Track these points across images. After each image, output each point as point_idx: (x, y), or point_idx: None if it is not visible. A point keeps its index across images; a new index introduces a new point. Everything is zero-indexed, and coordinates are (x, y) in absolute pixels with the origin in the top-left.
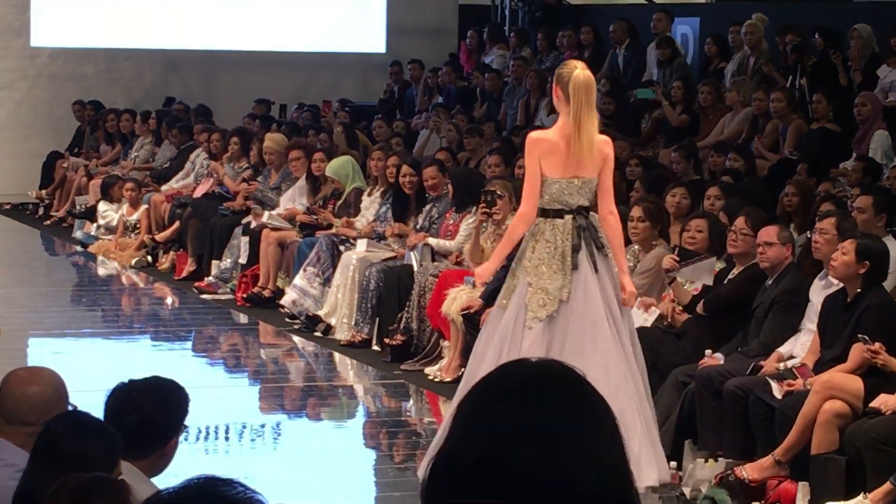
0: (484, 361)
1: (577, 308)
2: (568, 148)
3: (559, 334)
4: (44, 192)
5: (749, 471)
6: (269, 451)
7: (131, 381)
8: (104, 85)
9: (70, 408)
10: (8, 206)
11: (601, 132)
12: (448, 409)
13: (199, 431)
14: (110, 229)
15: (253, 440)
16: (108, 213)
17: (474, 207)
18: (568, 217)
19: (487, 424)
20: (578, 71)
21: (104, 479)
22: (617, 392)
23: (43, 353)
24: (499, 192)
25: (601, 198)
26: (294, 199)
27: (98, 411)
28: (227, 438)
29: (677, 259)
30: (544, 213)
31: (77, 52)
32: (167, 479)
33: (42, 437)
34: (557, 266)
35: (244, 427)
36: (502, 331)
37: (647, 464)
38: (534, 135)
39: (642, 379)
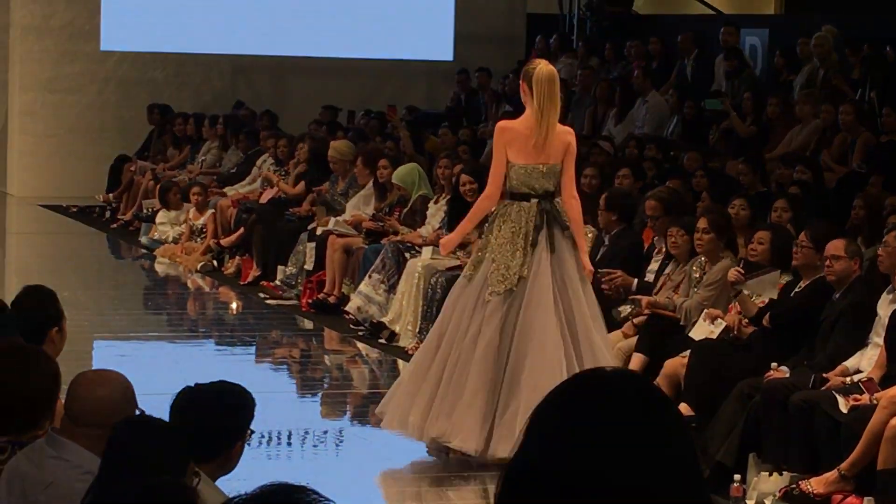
0: (445, 331)
1: (531, 284)
2: (532, 136)
3: (515, 308)
4: (111, 195)
5: (814, 485)
6: (331, 457)
7: (197, 385)
8: (173, 89)
9: (137, 412)
10: (75, 209)
11: (565, 124)
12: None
13: (262, 436)
14: (172, 239)
15: (315, 446)
16: (165, 225)
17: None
18: (534, 201)
19: (563, 435)
20: (541, 67)
21: (172, 482)
22: (552, 362)
23: (108, 355)
24: None
25: (564, 183)
26: (360, 206)
27: (163, 414)
28: (289, 444)
29: (742, 271)
30: (513, 196)
31: (146, 56)
32: (229, 483)
33: (111, 443)
34: (520, 245)
35: (307, 433)
36: (464, 301)
37: None
38: (501, 124)
39: (600, 344)
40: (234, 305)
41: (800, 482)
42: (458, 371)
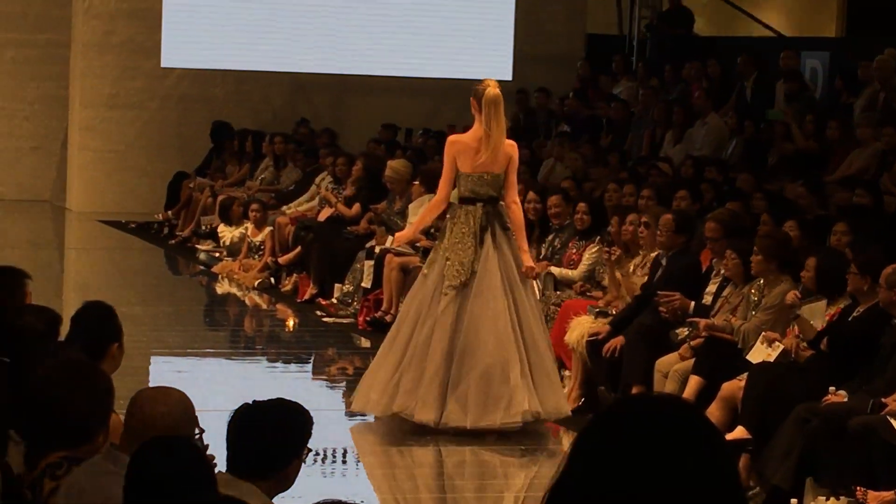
0: (405, 321)
1: (481, 277)
2: (479, 149)
3: (468, 297)
4: (169, 212)
5: (871, 501)
6: (388, 476)
7: (255, 402)
8: (232, 106)
9: (196, 430)
10: (134, 225)
11: (509, 137)
12: (568, 439)
13: (317, 454)
14: (231, 252)
15: (371, 464)
16: (224, 233)
17: (598, 237)
18: (479, 204)
19: (607, 458)
20: (490, 89)
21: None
22: (502, 341)
23: (165, 371)
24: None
25: (507, 190)
26: None
27: (219, 431)
28: (344, 462)
29: (800, 295)
30: (462, 200)
31: (206, 73)
32: (287, 501)
33: (132, 465)
34: (470, 243)
35: (361, 451)
36: (422, 295)
37: (520, 394)
38: (451, 137)
39: (540, 332)
40: (290, 323)
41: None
42: (418, 354)
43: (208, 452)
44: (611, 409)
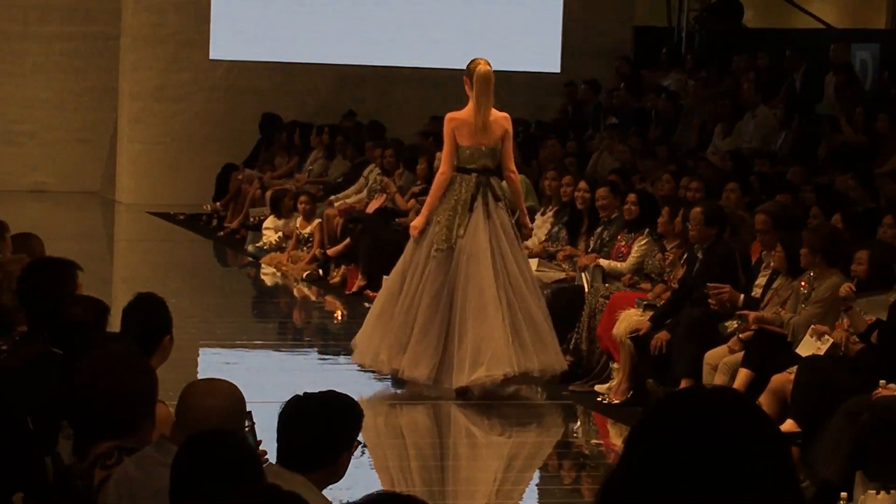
0: (398, 281)
1: (469, 242)
2: (474, 122)
3: (456, 261)
4: (217, 204)
5: None
6: (437, 469)
7: (306, 395)
8: (279, 98)
9: (247, 423)
10: (182, 217)
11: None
12: (616, 432)
13: (364, 445)
14: (276, 247)
15: (420, 457)
16: (269, 230)
17: (647, 230)
18: (473, 175)
19: (663, 452)
20: (480, 66)
21: (277, 489)
22: (487, 304)
23: (214, 363)
24: None
25: (503, 160)
26: None
27: (267, 423)
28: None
29: (853, 287)
30: (459, 170)
31: (254, 65)
32: (335, 492)
33: (177, 460)
34: (460, 210)
35: (410, 442)
36: (416, 258)
37: (505, 353)
38: (449, 115)
39: (532, 295)
40: (339, 315)
41: None
42: (410, 315)
43: (258, 444)
44: (666, 402)
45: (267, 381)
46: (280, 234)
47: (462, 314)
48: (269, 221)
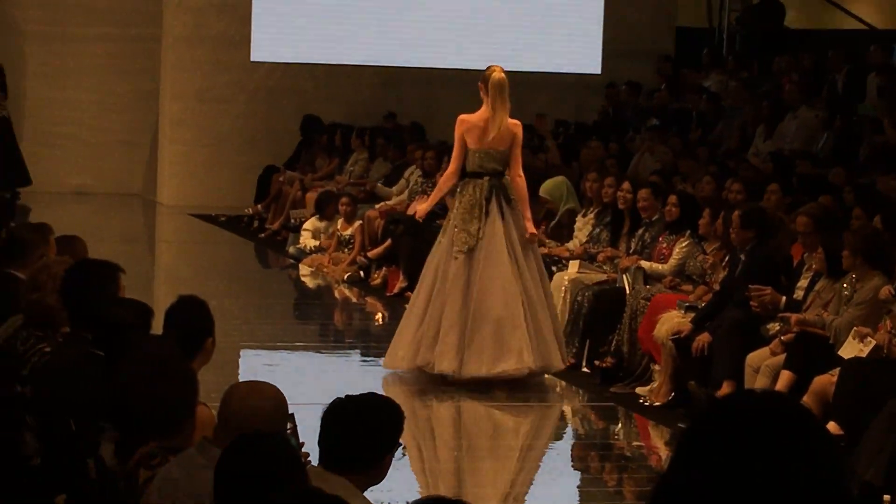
0: (424, 285)
1: (488, 243)
2: (486, 127)
3: (477, 261)
4: (259, 205)
5: None
6: (477, 471)
7: (348, 397)
8: (322, 100)
9: (289, 425)
10: (224, 219)
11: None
12: (658, 434)
13: (405, 448)
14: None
15: (454, 459)
16: (307, 232)
17: (688, 231)
18: (486, 178)
19: (714, 455)
20: (495, 73)
21: (319, 492)
22: (508, 302)
23: (255, 365)
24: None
25: (512, 165)
26: None
27: (310, 425)
28: (435, 455)
29: (894, 291)
30: (470, 174)
31: (295, 66)
32: (376, 494)
33: (221, 463)
34: (477, 213)
35: (451, 444)
36: (437, 260)
37: (527, 347)
38: (461, 117)
39: (544, 292)
40: (380, 316)
41: None
42: (436, 313)
43: (301, 446)
44: (716, 407)
45: (308, 382)
46: (319, 240)
47: (485, 312)
48: (310, 223)
